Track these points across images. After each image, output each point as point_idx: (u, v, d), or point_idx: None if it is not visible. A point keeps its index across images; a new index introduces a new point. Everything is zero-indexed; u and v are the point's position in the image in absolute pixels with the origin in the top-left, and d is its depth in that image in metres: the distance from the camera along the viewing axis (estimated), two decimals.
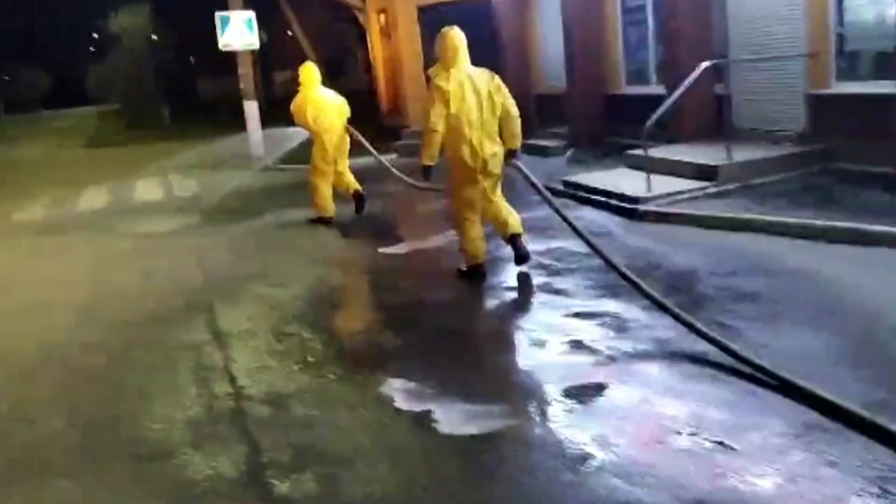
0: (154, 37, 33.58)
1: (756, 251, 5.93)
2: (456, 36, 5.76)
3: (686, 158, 8.04)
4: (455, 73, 5.65)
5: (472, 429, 3.64)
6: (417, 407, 3.95)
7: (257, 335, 5.44)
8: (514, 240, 5.97)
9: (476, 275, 6.00)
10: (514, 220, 5.99)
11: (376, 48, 19.42)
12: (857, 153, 7.49)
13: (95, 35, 42.66)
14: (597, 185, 8.30)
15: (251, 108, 17.35)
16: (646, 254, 6.22)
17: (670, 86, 9.56)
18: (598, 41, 11.94)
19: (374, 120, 19.73)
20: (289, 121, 9.51)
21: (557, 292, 5.59)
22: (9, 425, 4.35)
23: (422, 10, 16.32)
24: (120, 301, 6.75)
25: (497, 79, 5.78)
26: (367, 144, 9.66)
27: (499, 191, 5.99)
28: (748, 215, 6.58)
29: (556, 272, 6.06)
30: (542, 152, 11.94)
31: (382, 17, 18.69)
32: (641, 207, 7.36)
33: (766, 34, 8.40)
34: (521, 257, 5.98)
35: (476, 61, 5.90)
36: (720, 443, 3.26)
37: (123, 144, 24.51)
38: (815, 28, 7.91)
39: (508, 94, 5.77)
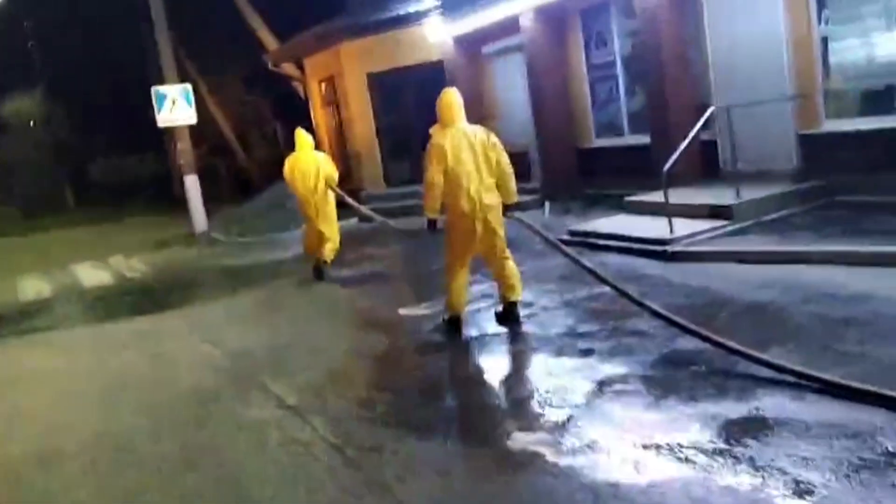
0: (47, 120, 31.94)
1: (810, 280, 6.04)
2: (452, 96, 6.10)
3: (697, 201, 8.23)
4: (452, 130, 5.96)
5: None
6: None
7: (330, 401, 5.11)
8: (512, 305, 6.24)
9: (457, 327, 6.26)
10: (519, 287, 6.24)
11: (319, 117, 19.32)
12: (852, 186, 7.89)
13: None
14: (611, 232, 8.37)
15: (192, 183, 16.85)
16: (703, 291, 6.26)
17: (658, 134, 9.92)
18: (565, 97, 12.27)
19: None
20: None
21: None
22: None
23: (372, 77, 16.40)
24: (150, 384, 6.23)
25: (493, 136, 6.04)
26: (351, 201, 10.00)
27: (507, 251, 6.17)
28: (789, 248, 6.74)
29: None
30: (517, 207, 11.97)
31: (324, 86, 18.69)
32: (671, 248, 7.44)
33: (750, 79, 8.80)
34: (511, 320, 6.24)
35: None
36: None
37: (23, 234, 23.27)
38: (801, 71, 8.37)
39: (503, 151, 6.03)
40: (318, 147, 10.41)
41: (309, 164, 9.45)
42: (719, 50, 9.32)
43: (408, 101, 16.10)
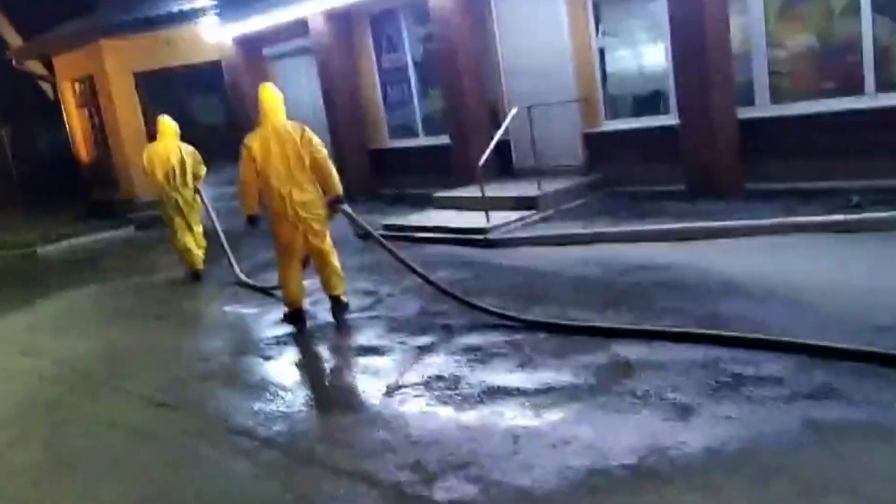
0: None
1: (618, 256, 6.92)
2: (265, 92, 6.11)
3: (504, 194, 8.98)
4: (262, 130, 5.99)
5: None
6: None
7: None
8: (334, 299, 6.36)
9: (298, 319, 6.36)
10: (340, 282, 6.34)
11: (73, 119, 17.77)
12: (628, 177, 9.12)
13: None
14: (429, 225, 8.85)
15: None
16: (531, 271, 6.92)
17: (456, 134, 10.61)
18: (357, 100, 12.59)
19: (78, 194, 17.96)
20: None
21: None
22: None
23: (141, 77, 15.49)
24: None
25: (307, 133, 6.02)
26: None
27: (328, 246, 6.22)
28: (594, 230, 7.65)
29: None
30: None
31: (80, 86, 17.25)
32: (490, 237, 8.07)
33: (539, 84, 9.75)
34: (339, 312, 6.36)
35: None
36: None
37: None
38: (583, 77, 9.47)
39: (319, 147, 6.03)
40: (74, 152, 9.38)
41: (170, 153, 8.60)
42: (510, 56, 10.23)
43: (184, 102, 15.45)
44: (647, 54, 9.12)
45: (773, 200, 7.46)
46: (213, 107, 16.03)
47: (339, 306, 6.35)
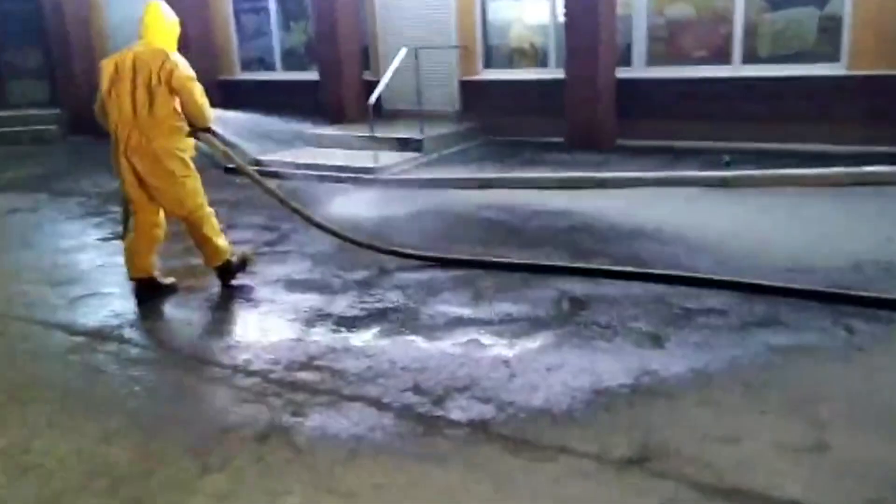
0: None
1: (518, 201, 7.12)
2: (147, 9, 4.88)
3: (387, 135, 8.86)
4: (125, 52, 4.81)
5: None
6: None
7: None
8: (219, 268, 5.20)
9: (139, 292, 5.04)
10: (216, 253, 5.11)
11: None
12: (504, 126, 9.39)
13: None
14: (311, 162, 8.53)
15: None
16: (439, 214, 6.93)
17: (327, 72, 10.25)
18: (207, 28, 11.73)
19: None
20: None
21: None
22: None
23: None
24: None
25: (170, 61, 4.69)
26: None
27: (196, 204, 4.93)
28: (487, 175, 7.80)
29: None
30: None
31: None
32: (381, 177, 7.95)
33: (415, 29, 9.68)
34: (228, 277, 5.25)
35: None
36: None
37: None
38: (465, 26, 9.54)
39: (185, 80, 4.69)
40: None
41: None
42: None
43: None
44: (529, 9, 9.35)
45: (648, 157, 8.05)
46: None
47: (227, 269, 5.19)
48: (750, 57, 8.06)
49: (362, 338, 4.32)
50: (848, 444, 3.03)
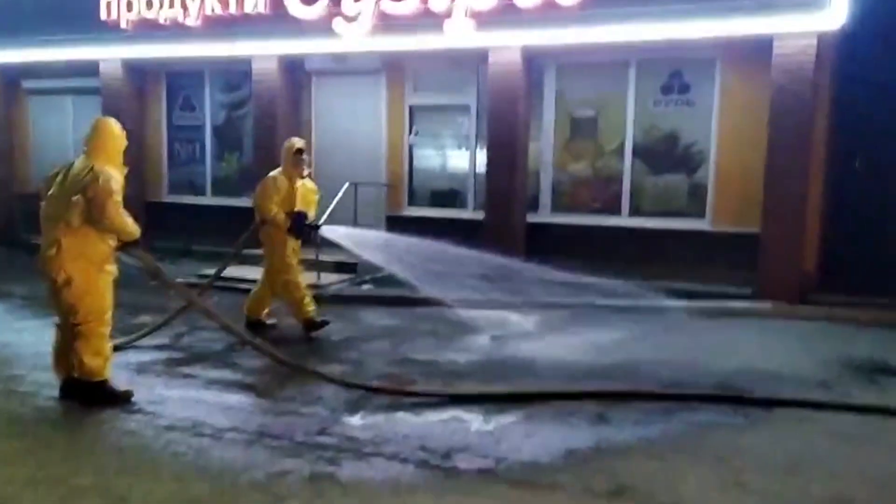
0: None
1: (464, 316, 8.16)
2: (98, 124, 5.20)
3: (325, 258, 9.77)
4: (67, 166, 5.12)
5: None
6: None
7: None
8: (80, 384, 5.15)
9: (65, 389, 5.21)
10: (84, 365, 5.08)
11: None
12: None
13: None
14: (254, 278, 9.22)
15: None
16: (387, 327, 7.85)
17: None
18: (140, 150, 12.43)
19: None
20: None
21: None
22: None
23: None
24: None
25: (91, 174, 4.87)
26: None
27: (82, 319, 5.01)
28: (410, 294, 8.79)
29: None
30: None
31: None
32: (324, 293, 8.80)
33: (348, 165, 10.88)
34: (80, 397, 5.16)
35: None
36: None
37: None
38: (393, 167, 10.85)
39: (107, 194, 4.85)
40: None
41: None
42: (323, 136, 11.26)
43: None
44: (451, 158, 10.84)
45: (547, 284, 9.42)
46: None
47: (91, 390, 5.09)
48: (635, 210, 9.78)
49: (364, 417, 5.11)
50: (760, 481, 4.14)
